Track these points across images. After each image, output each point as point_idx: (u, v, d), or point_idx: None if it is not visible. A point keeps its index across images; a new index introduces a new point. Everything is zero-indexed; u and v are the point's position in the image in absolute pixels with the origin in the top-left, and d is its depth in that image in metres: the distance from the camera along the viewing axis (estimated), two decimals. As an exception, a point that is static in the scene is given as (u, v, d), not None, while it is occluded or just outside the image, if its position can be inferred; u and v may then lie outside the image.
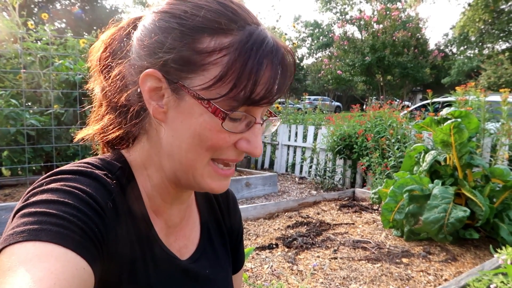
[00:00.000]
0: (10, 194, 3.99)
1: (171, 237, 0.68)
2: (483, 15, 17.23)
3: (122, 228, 0.56)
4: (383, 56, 14.59)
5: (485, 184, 2.93)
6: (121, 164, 0.62)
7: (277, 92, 0.56)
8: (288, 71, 0.58)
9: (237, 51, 0.52)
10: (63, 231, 0.45)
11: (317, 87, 31.87)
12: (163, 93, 0.56)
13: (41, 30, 4.95)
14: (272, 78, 0.54)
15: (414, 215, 2.86)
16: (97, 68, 0.64)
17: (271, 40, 0.55)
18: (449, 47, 31.13)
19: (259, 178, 4.86)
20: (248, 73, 0.52)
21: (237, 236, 0.84)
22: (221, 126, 0.55)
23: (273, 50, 0.55)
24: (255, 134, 0.59)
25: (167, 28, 0.55)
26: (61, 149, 4.54)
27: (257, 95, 0.54)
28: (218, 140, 0.56)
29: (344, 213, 3.73)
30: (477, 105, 3.74)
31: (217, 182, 0.61)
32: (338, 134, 5.22)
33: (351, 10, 30.96)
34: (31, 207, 0.47)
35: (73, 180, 0.53)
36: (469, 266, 2.49)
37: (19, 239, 0.43)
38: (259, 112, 0.58)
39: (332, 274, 2.37)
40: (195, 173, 0.59)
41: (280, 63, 0.55)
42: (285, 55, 0.57)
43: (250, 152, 0.59)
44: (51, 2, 26.94)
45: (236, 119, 0.56)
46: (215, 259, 0.74)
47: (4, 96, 4.27)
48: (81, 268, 0.44)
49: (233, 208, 0.83)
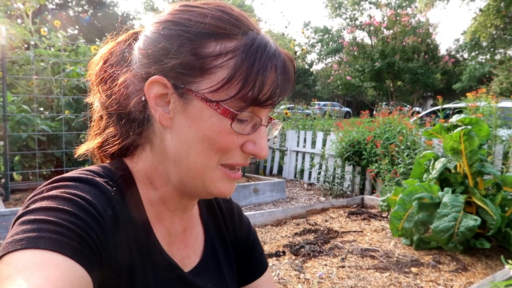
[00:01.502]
0: (21, 199, 4.05)
1: (174, 246, 0.67)
2: (494, 20, 17.04)
3: (121, 236, 0.56)
4: (393, 61, 14.53)
5: (497, 192, 2.88)
6: (123, 172, 0.62)
7: (281, 94, 0.58)
8: (289, 75, 0.60)
9: (244, 53, 0.54)
10: (62, 238, 0.45)
11: (327, 93, 31.82)
12: (169, 99, 0.57)
13: (54, 37, 5.04)
14: (276, 80, 0.56)
15: (424, 224, 2.81)
16: (97, 81, 0.64)
17: (273, 45, 0.58)
18: (460, 52, 30.86)
19: (268, 184, 4.85)
20: (256, 74, 0.54)
21: (246, 246, 0.82)
22: (230, 128, 0.56)
23: (275, 54, 0.57)
24: (261, 135, 0.60)
25: (172, 35, 0.56)
26: (71, 154, 4.59)
27: (264, 95, 0.55)
28: (227, 142, 0.57)
29: (353, 221, 3.70)
30: (488, 112, 3.69)
31: (227, 185, 0.62)
32: (347, 140, 5.19)
33: (361, 16, 30.92)
34: (31, 214, 0.48)
35: (73, 187, 0.53)
36: (480, 276, 2.44)
37: (18, 247, 0.43)
38: (264, 113, 0.60)
39: (340, 283, 2.34)
40: (205, 178, 0.59)
41: (282, 67, 0.58)
42: (286, 60, 0.59)
43: (256, 154, 0.60)
44: (64, 9, 27.43)
45: (243, 120, 0.57)
46: (218, 274, 0.73)
47: (16, 102, 4.34)
48: (80, 276, 0.44)
49: (238, 220, 0.82)
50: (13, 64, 4.55)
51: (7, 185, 3.90)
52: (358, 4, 30.66)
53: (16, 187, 4.40)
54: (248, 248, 0.83)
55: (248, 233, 0.84)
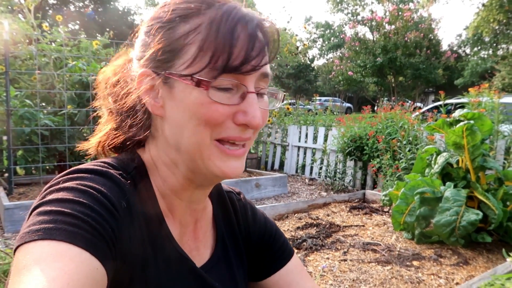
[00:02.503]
0: (24, 193, 4.07)
1: (184, 237, 0.68)
2: (497, 16, 16.94)
3: (135, 228, 0.57)
4: (395, 57, 14.47)
5: (498, 187, 2.89)
6: (136, 164, 0.64)
7: (257, 57, 0.56)
8: (267, 37, 0.58)
9: (209, 25, 0.55)
10: (77, 230, 0.46)
11: (328, 88, 31.74)
12: (158, 89, 0.60)
13: (56, 31, 5.04)
14: (249, 42, 0.55)
15: (425, 218, 2.83)
16: (105, 91, 0.69)
17: (243, 10, 0.58)
18: (463, 48, 30.71)
19: (269, 179, 4.87)
20: (222, 40, 0.54)
21: (263, 239, 0.82)
22: (209, 98, 0.56)
23: (245, 17, 0.57)
24: (250, 103, 0.58)
25: (150, 29, 0.60)
26: (74, 149, 4.61)
27: (235, 60, 0.54)
28: (211, 113, 0.56)
29: (354, 215, 3.71)
30: (490, 107, 3.69)
31: (227, 163, 0.60)
32: (349, 136, 5.19)
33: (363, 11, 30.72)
34: (47, 205, 0.48)
35: (88, 179, 0.54)
36: (481, 270, 2.45)
37: (35, 237, 0.44)
38: (249, 81, 0.58)
39: (342, 276, 2.36)
40: (203, 156, 0.59)
41: (255, 29, 0.57)
42: (263, 22, 0.59)
43: (248, 123, 0.57)
44: (65, 4, 27.34)
45: (226, 89, 0.57)
46: (228, 273, 0.73)
47: (19, 96, 4.35)
48: (95, 268, 0.45)
49: (251, 216, 0.82)
50: (15, 59, 4.56)
51: (10, 179, 3.92)
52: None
53: (19, 181, 4.42)
54: (266, 241, 0.82)
55: (263, 226, 0.83)
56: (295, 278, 0.81)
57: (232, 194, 0.82)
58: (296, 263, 0.83)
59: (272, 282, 0.80)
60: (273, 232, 0.84)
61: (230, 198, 0.80)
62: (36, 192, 4.11)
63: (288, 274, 0.81)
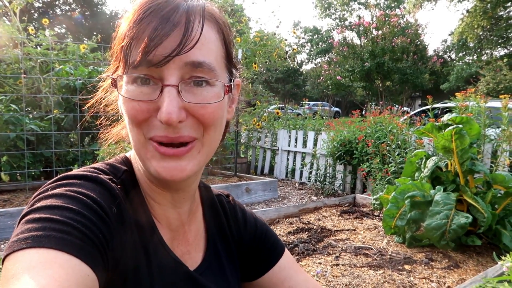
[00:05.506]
0: (9, 200, 3.97)
1: (175, 241, 0.67)
2: (481, 22, 17.31)
3: (126, 234, 0.55)
4: (382, 62, 14.67)
5: (487, 190, 2.92)
6: (126, 167, 0.63)
7: (167, 43, 0.51)
8: (190, 20, 0.53)
9: (124, 21, 0.56)
10: (67, 237, 0.45)
11: (317, 93, 31.98)
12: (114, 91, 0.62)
13: (42, 35, 4.97)
14: (155, 31, 0.51)
15: (416, 222, 2.84)
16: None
17: (160, 1, 0.54)
18: (448, 53, 31.31)
19: (259, 183, 4.85)
20: (129, 33, 0.53)
21: (254, 240, 0.81)
22: (123, 96, 0.55)
23: (160, 4, 0.53)
24: (163, 98, 0.52)
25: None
26: (60, 155, 4.53)
27: (140, 53, 0.51)
28: (129, 110, 0.55)
29: (345, 219, 3.72)
30: (477, 111, 3.74)
31: (161, 163, 0.55)
32: (338, 140, 5.21)
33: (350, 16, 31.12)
34: (36, 213, 0.47)
35: (77, 185, 0.52)
36: (471, 273, 2.47)
37: (23, 246, 0.43)
38: (167, 73, 0.53)
39: (334, 281, 2.35)
40: (142, 156, 0.57)
41: (173, 13, 0.52)
42: (179, 5, 0.54)
43: (161, 120, 0.52)
44: (51, 7, 27.04)
45: (144, 84, 0.54)
46: (220, 275, 0.73)
47: (4, 101, 4.26)
48: (85, 275, 0.44)
49: (242, 219, 0.82)
50: (0, 63, 4.47)
51: (-5, 186, 3.83)
52: (348, 5, 30.85)
53: (4, 187, 4.31)
54: (258, 240, 0.82)
55: (254, 226, 0.83)
56: (288, 273, 0.81)
57: (222, 197, 0.82)
58: (288, 259, 0.84)
59: (266, 280, 0.80)
60: (264, 231, 0.84)
61: (220, 201, 0.80)
62: (22, 198, 4.01)
63: (281, 271, 0.81)
